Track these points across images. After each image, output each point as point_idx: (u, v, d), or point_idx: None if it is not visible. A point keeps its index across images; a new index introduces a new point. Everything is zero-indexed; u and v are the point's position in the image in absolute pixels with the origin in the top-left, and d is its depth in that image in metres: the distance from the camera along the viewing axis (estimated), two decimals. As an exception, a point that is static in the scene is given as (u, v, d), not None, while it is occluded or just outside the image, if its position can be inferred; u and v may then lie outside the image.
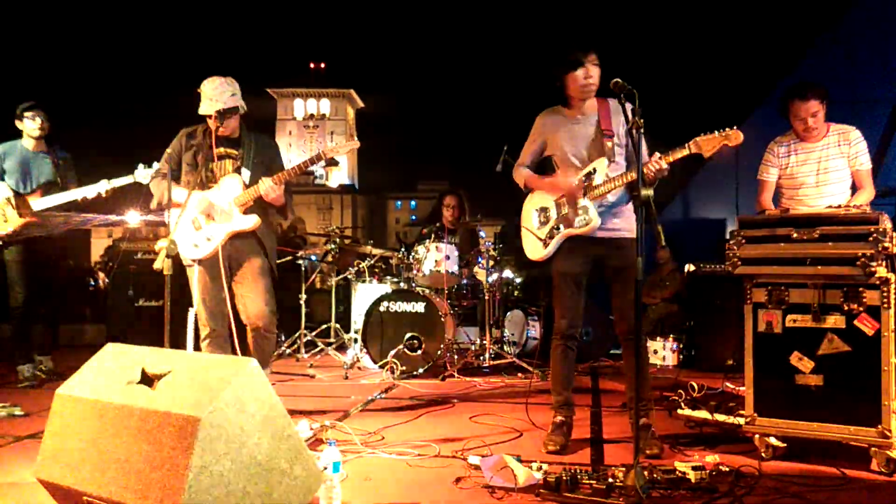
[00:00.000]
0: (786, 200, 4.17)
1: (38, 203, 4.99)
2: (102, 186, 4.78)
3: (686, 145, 3.12)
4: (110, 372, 2.35)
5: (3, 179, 5.07)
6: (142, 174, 4.51)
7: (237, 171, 3.88)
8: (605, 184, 3.33)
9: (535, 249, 3.60)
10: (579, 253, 3.46)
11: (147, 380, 2.23)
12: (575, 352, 3.54)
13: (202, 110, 3.81)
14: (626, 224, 3.46)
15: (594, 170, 3.39)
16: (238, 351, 3.85)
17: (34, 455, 2.43)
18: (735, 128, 3.04)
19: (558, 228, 3.48)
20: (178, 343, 3.48)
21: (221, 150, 3.88)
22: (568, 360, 3.52)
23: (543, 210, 3.57)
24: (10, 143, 5.21)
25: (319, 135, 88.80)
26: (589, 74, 3.36)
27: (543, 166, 3.68)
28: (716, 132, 3.06)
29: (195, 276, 3.85)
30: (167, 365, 2.26)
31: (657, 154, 3.23)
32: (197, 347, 3.92)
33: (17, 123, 5.20)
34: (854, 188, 4.05)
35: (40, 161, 5.22)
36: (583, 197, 3.39)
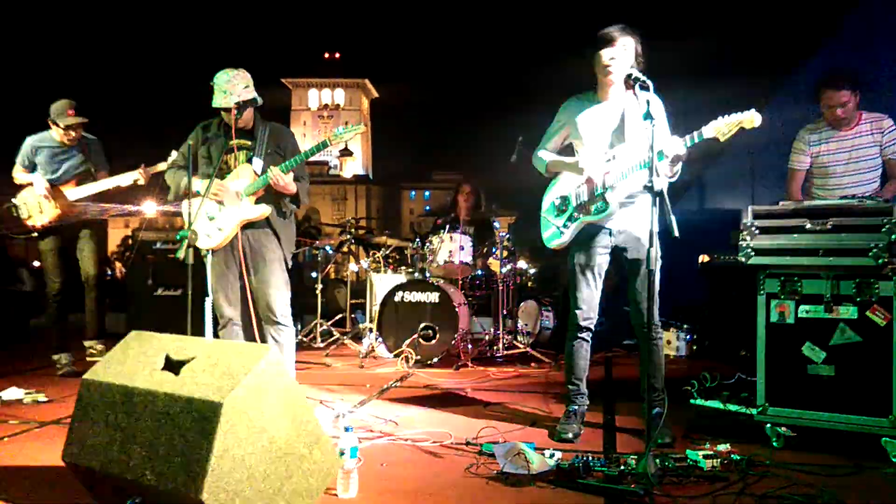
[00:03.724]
0: (815, 189, 4.17)
1: (73, 193, 5.15)
2: (137, 174, 4.99)
3: (703, 129, 3.10)
4: (135, 358, 2.42)
5: (34, 171, 5.19)
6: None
7: (249, 160, 3.92)
8: (624, 170, 3.32)
9: (552, 237, 3.60)
10: (597, 244, 3.46)
11: (171, 366, 2.29)
12: (589, 343, 3.55)
13: (216, 103, 3.84)
14: (645, 216, 3.44)
15: (614, 157, 3.39)
16: (258, 339, 3.92)
17: (59, 440, 2.50)
18: (752, 110, 3.02)
19: (576, 217, 3.49)
20: (197, 331, 3.55)
21: (236, 141, 3.92)
22: (582, 352, 3.54)
23: (563, 199, 3.56)
24: (40, 136, 5.26)
25: (334, 125, 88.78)
26: (612, 56, 3.30)
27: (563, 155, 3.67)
28: (731, 116, 3.04)
29: (209, 266, 3.91)
30: (190, 352, 2.32)
31: (675, 139, 3.21)
32: (216, 336, 3.98)
33: (50, 123, 5.21)
34: (884, 176, 4.04)
35: (71, 153, 5.29)
36: (601, 184, 3.40)
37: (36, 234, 5.19)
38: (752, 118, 2.99)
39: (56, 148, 5.25)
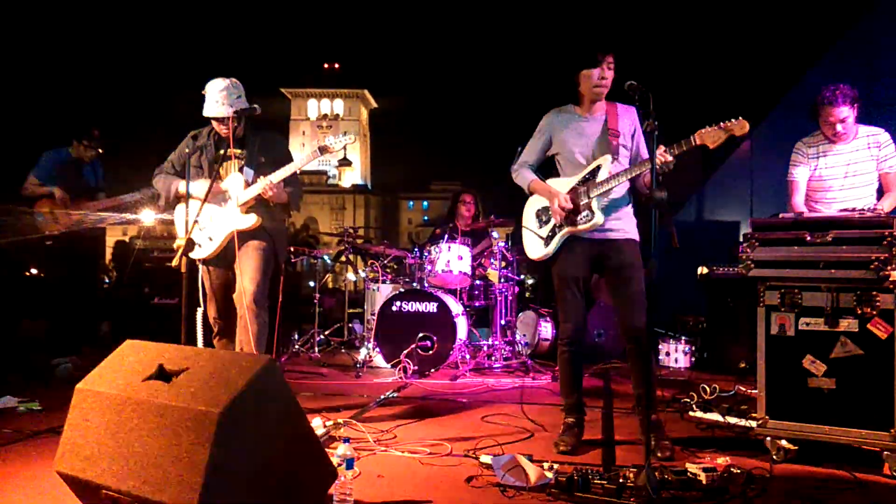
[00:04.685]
0: (812, 203, 4.16)
1: (85, 206, 5.45)
2: (145, 193, 5.33)
3: (690, 138, 3.11)
4: (129, 367, 2.39)
5: (47, 183, 5.46)
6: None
7: (240, 170, 3.90)
8: (608, 180, 3.33)
9: (535, 249, 3.59)
10: (579, 255, 3.45)
11: (165, 375, 2.26)
12: (581, 355, 3.53)
13: (208, 112, 3.82)
14: (625, 225, 3.46)
15: (598, 167, 3.39)
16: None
17: (52, 449, 2.47)
18: (739, 118, 3.02)
19: (560, 227, 3.47)
20: (192, 341, 3.53)
21: (224, 151, 3.90)
22: (575, 364, 3.52)
23: (545, 209, 3.55)
24: (58, 151, 5.59)
25: (333, 135, 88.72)
26: (603, 75, 3.35)
27: (547, 166, 3.67)
28: (720, 124, 3.05)
29: (200, 276, 3.88)
30: (185, 361, 2.29)
31: (662, 147, 3.18)
32: (206, 345, 3.94)
33: (75, 142, 5.59)
34: (881, 191, 4.04)
35: (84, 171, 5.64)
36: (585, 197, 3.37)
37: (49, 242, 5.40)
38: (741, 126, 3.00)
39: (72, 164, 5.58)
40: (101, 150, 5.68)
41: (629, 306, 3.37)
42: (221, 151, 3.89)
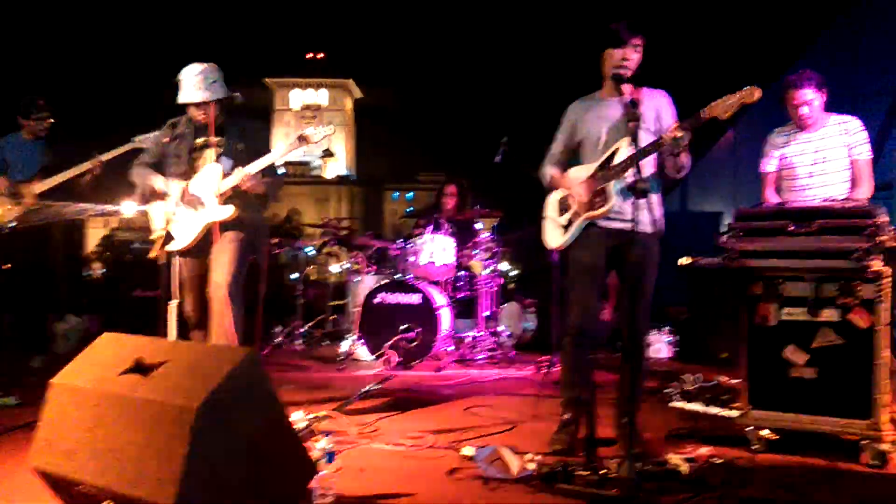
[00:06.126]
0: (784, 192, 4.16)
1: (37, 187, 5.06)
2: (95, 160, 5.03)
3: (701, 112, 2.99)
4: (106, 361, 2.35)
5: (4, 173, 5.16)
6: (139, 139, 4.68)
7: (217, 160, 3.83)
8: (622, 163, 3.19)
9: (554, 237, 3.46)
10: (598, 243, 3.30)
11: (143, 369, 2.23)
12: (587, 349, 3.34)
13: (185, 98, 3.73)
14: (649, 217, 3.23)
15: (615, 151, 3.26)
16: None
17: (28, 445, 2.43)
18: (751, 86, 2.90)
19: (578, 213, 3.35)
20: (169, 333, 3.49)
21: (203, 139, 3.84)
22: (578, 358, 3.35)
23: (565, 198, 3.46)
24: (6, 136, 5.29)
25: (317, 125, 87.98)
26: (626, 56, 3.22)
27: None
28: (732, 95, 2.93)
29: (176, 268, 3.81)
30: (163, 354, 2.26)
31: (674, 124, 3.10)
32: (181, 338, 3.87)
33: (21, 119, 5.26)
34: (854, 180, 4.04)
35: (37, 148, 5.27)
36: (603, 182, 3.25)
37: (7, 231, 5.06)
38: (751, 94, 2.89)
39: (21, 144, 5.26)
40: (51, 119, 5.29)
41: (635, 307, 3.23)
42: (200, 140, 3.83)
